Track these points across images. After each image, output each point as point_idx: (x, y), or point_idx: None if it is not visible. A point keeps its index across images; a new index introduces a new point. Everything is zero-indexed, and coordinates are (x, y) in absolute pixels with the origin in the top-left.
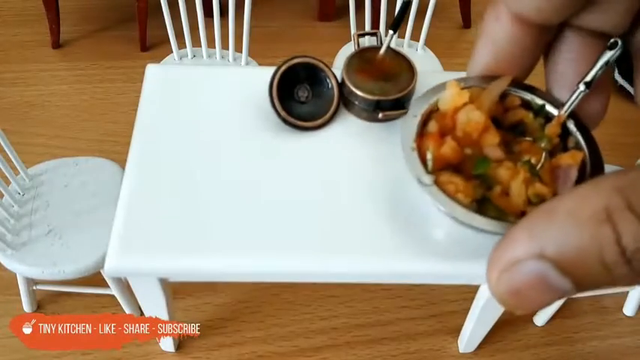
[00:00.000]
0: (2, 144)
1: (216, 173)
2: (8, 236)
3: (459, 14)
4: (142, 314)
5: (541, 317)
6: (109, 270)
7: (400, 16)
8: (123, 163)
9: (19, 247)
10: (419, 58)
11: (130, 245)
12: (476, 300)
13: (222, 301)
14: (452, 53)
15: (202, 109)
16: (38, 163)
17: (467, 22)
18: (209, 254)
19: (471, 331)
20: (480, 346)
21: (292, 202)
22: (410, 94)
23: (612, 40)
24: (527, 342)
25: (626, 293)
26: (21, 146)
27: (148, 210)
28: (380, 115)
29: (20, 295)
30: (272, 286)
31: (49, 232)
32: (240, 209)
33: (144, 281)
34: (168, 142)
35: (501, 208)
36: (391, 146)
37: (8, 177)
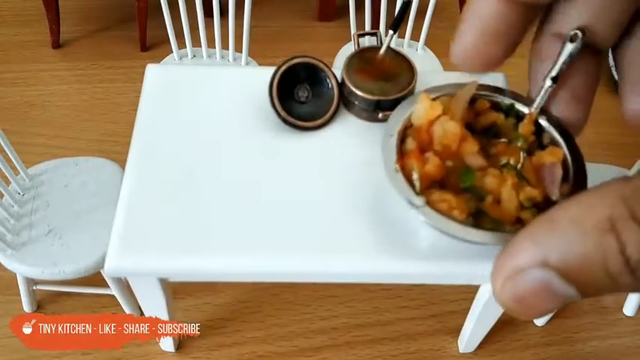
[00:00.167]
0: (2, 144)
1: (217, 173)
2: (8, 236)
3: (459, 14)
4: (142, 314)
5: (541, 317)
6: (109, 270)
7: (400, 16)
8: (123, 163)
9: (19, 247)
10: (419, 58)
11: (130, 245)
12: (476, 300)
13: (222, 301)
14: None
15: (202, 109)
16: (38, 163)
17: None
18: (209, 254)
19: (471, 331)
20: (480, 346)
21: (292, 202)
22: (410, 94)
23: (572, 32)
24: (527, 342)
25: (626, 293)
26: (21, 146)
27: (148, 210)
28: (380, 115)
29: (20, 295)
30: (272, 286)
31: (49, 232)
32: (240, 209)
33: (144, 281)
34: (168, 142)
35: (497, 219)
36: None
37: (8, 177)
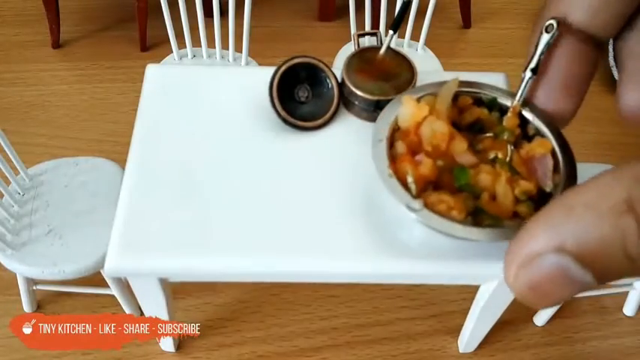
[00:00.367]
0: (2, 144)
1: (216, 173)
2: (8, 236)
3: (459, 14)
4: (142, 314)
5: (541, 317)
6: (109, 270)
7: (400, 16)
8: (123, 163)
9: (19, 247)
10: (419, 58)
11: (130, 245)
12: (476, 300)
13: (222, 301)
14: (452, 53)
15: (202, 109)
16: (38, 163)
17: (467, 22)
18: (209, 254)
19: (471, 331)
20: (480, 346)
21: (292, 202)
22: None
23: (547, 22)
24: (527, 342)
25: (626, 293)
26: (21, 146)
27: (148, 210)
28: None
29: (20, 295)
30: (272, 286)
31: (49, 232)
32: (240, 209)
33: (144, 281)
34: (168, 142)
35: (495, 215)
36: None
37: (8, 177)
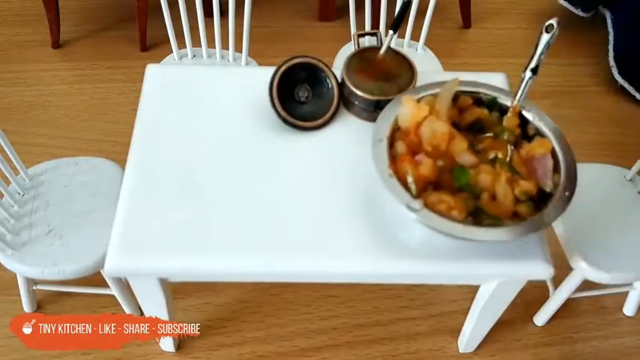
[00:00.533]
0: (2, 144)
1: (216, 173)
2: (8, 236)
3: (459, 14)
4: (142, 314)
5: (541, 317)
6: (109, 270)
7: (400, 16)
8: (123, 163)
9: (19, 247)
10: (419, 58)
11: (130, 245)
12: (476, 300)
13: (222, 301)
14: (452, 53)
15: (202, 109)
16: (38, 163)
17: (467, 22)
18: (209, 254)
19: (471, 331)
20: (480, 346)
21: (292, 202)
22: None
23: (548, 22)
24: (527, 342)
25: (626, 293)
26: (21, 146)
27: (148, 210)
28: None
29: (20, 295)
30: (272, 286)
31: (49, 232)
32: (240, 209)
33: (144, 281)
34: (168, 142)
35: (495, 215)
36: None
37: (8, 177)
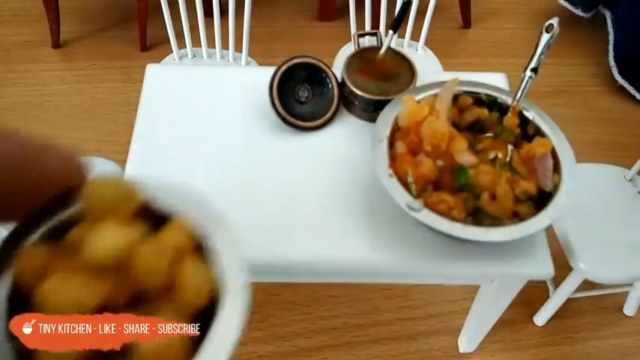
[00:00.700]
0: None
1: (216, 173)
2: None
3: (459, 14)
4: None
5: (541, 317)
6: None
7: (400, 16)
8: (123, 163)
9: None
10: (419, 58)
11: None
12: (476, 300)
13: None
14: (452, 53)
15: (202, 109)
16: None
17: (467, 22)
18: None
19: (471, 331)
20: (480, 346)
21: (292, 202)
22: None
23: (548, 22)
24: (527, 342)
25: (626, 293)
26: None
27: None
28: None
29: None
30: (272, 286)
31: None
32: (240, 209)
33: None
34: (168, 142)
35: (495, 215)
36: None
37: None
